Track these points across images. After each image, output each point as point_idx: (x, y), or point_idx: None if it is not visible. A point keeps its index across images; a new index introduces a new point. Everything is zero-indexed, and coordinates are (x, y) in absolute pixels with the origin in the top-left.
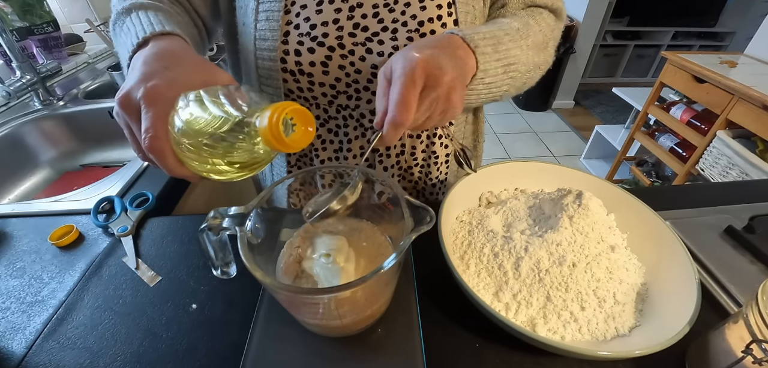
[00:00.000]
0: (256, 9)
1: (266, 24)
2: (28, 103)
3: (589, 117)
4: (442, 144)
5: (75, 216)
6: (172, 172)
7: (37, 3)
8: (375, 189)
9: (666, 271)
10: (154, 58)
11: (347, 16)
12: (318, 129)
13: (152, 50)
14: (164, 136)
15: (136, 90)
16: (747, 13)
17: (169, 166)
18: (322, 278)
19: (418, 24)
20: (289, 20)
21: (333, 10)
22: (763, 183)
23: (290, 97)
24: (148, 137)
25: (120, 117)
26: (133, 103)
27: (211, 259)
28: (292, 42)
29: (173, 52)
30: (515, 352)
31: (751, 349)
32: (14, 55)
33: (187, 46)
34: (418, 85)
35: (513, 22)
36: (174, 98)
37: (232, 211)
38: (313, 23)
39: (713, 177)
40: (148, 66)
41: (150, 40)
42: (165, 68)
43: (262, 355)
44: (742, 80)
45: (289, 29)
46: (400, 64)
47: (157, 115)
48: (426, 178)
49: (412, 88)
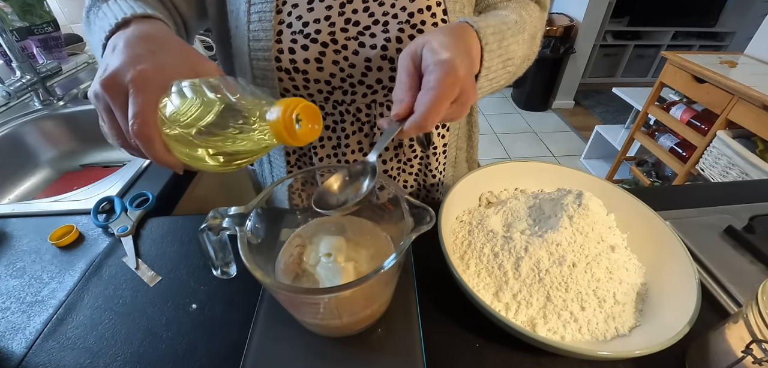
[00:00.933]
0: (248, 11)
1: (259, 25)
2: (28, 103)
3: (589, 117)
4: (439, 134)
5: (75, 216)
6: (158, 159)
7: (37, 3)
8: (375, 188)
9: (666, 271)
10: (138, 41)
11: (338, 11)
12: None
13: (135, 32)
14: (154, 122)
15: (124, 73)
16: (747, 13)
17: (156, 152)
18: (322, 278)
19: (409, 15)
20: (281, 19)
21: (324, 7)
22: (763, 183)
23: (287, 95)
24: (137, 122)
25: (100, 99)
26: (121, 85)
27: (211, 259)
28: (286, 41)
29: (158, 36)
30: (515, 352)
31: (751, 349)
32: (14, 55)
33: (171, 32)
34: (452, 98)
35: (510, 14)
36: (164, 84)
37: (232, 211)
38: (306, 21)
39: (713, 177)
40: (132, 48)
41: (131, 22)
42: (151, 52)
43: (262, 355)
44: (742, 80)
45: (282, 28)
46: (440, 70)
47: (148, 101)
48: (426, 170)
49: (447, 101)
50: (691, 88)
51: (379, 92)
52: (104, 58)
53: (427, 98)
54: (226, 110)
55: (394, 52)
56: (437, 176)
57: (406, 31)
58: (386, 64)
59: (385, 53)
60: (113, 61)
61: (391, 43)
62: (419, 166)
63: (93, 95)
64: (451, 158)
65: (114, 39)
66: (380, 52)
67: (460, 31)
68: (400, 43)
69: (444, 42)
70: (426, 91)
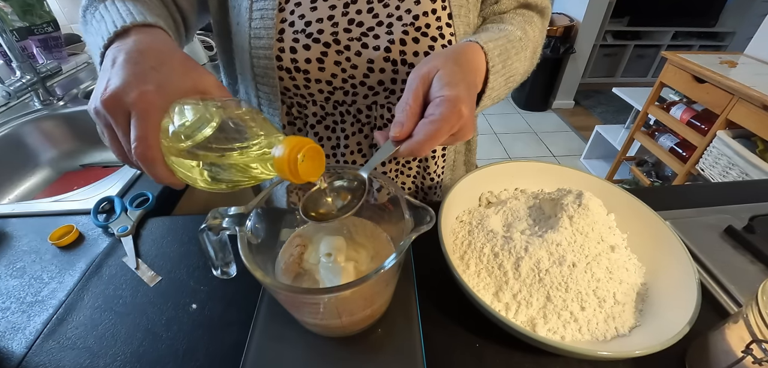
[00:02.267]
0: (250, 8)
1: (261, 22)
2: (28, 103)
3: (589, 117)
4: None
5: (75, 216)
6: (161, 179)
7: (37, 3)
8: (375, 188)
9: (666, 271)
10: (139, 55)
11: (342, 11)
12: (315, 126)
13: (135, 45)
14: (157, 146)
15: (126, 93)
16: (747, 13)
17: (159, 174)
18: (322, 278)
19: (414, 18)
20: (283, 18)
21: (327, 6)
22: (763, 183)
23: (287, 94)
24: (140, 146)
25: (101, 116)
26: (122, 106)
27: (211, 259)
28: (288, 39)
29: (158, 49)
30: (515, 352)
31: (751, 349)
32: (14, 55)
33: (172, 42)
34: (453, 132)
35: (515, 30)
36: (165, 105)
37: (232, 211)
38: (308, 20)
39: (713, 177)
40: (134, 64)
41: (131, 31)
42: (152, 68)
43: (262, 355)
44: (742, 80)
45: (284, 27)
46: (446, 107)
47: (151, 125)
48: (424, 173)
49: (448, 134)
50: (691, 88)
51: (380, 94)
52: (103, 70)
53: (429, 130)
54: (226, 127)
55: (397, 54)
56: (435, 179)
57: (411, 34)
58: (389, 66)
59: (388, 55)
60: (114, 78)
61: (394, 45)
62: (417, 169)
63: (93, 112)
64: (450, 162)
65: (113, 50)
66: (383, 54)
67: (470, 54)
68: (404, 45)
69: (454, 73)
70: (429, 121)
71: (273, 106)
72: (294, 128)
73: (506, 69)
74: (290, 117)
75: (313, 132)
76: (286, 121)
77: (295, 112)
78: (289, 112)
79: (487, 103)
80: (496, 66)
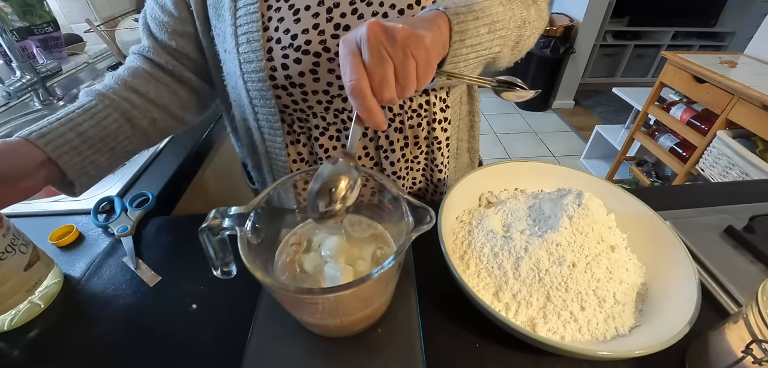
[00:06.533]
0: (235, 33)
1: (248, 46)
2: (28, 103)
3: (589, 117)
4: (442, 128)
5: (75, 216)
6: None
7: (37, 3)
8: (375, 189)
9: (666, 271)
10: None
11: (326, 18)
12: (319, 138)
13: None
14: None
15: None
16: (747, 13)
17: None
18: (322, 277)
19: (399, 12)
20: (269, 36)
21: (310, 15)
22: (763, 183)
23: (286, 112)
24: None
25: None
26: None
27: (211, 259)
28: (277, 57)
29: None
30: (515, 352)
31: (751, 349)
32: (14, 55)
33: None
34: (354, 48)
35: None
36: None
37: (232, 211)
38: (294, 33)
39: (713, 177)
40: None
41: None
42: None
43: (262, 355)
44: (742, 80)
45: (271, 45)
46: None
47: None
48: (432, 165)
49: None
50: (691, 88)
51: None
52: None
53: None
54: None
55: None
56: (443, 170)
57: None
58: None
59: None
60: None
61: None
62: (426, 162)
63: None
64: (454, 149)
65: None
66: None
67: (424, 14)
68: None
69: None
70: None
71: (274, 128)
72: (298, 145)
73: (476, 13)
74: (292, 135)
75: (318, 144)
76: (288, 141)
77: (297, 127)
78: (291, 130)
79: (468, 53)
80: (455, 10)
